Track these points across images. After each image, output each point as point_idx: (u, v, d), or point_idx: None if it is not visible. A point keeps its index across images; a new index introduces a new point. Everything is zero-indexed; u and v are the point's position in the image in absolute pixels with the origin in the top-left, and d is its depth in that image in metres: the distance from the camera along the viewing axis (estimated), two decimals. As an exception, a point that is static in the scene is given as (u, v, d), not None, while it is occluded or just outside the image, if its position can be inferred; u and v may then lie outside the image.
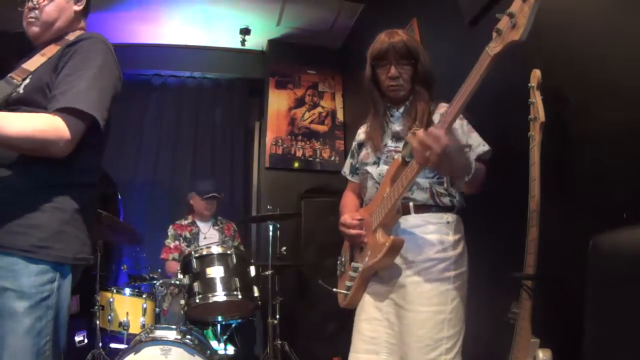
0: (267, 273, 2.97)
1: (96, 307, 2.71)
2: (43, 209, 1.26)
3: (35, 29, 1.45)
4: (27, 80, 1.34)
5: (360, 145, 1.78)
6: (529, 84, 1.52)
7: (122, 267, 3.37)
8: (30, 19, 1.44)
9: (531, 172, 1.46)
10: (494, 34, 1.12)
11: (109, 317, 2.75)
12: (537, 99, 1.50)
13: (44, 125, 1.21)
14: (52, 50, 1.41)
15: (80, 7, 1.52)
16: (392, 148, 1.62)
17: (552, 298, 1.48)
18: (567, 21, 1.59)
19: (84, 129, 1.29)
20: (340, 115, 4.54)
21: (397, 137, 1.63)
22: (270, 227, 3.12)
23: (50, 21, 1.46)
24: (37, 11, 1.43)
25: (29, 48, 1.49)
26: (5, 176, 1.25)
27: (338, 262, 1.76)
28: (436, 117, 1.57)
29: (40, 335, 1.22)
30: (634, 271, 1.02)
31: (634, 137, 1.29)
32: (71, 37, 1.45)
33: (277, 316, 3.01)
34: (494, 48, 1.12)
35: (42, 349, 1.22)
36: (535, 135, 1.48)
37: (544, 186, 1.44)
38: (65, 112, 1.24)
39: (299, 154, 4.36)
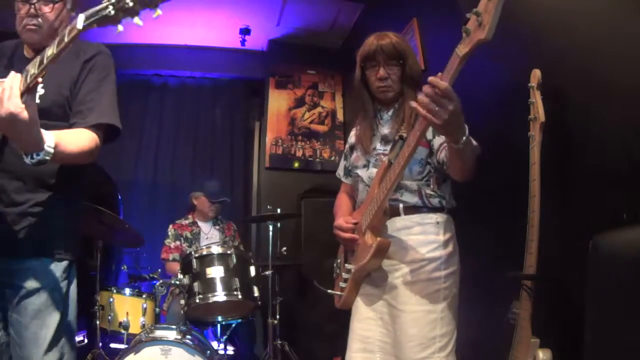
0: (267, 273, 2.97)
1: (96, 307, 2.70)
2: (64, 219, 1.42)
3: (36, 37, 1.45)
4: (41, 90, 1.38)
5: (352, 148, 1.79)
6: (529, 84, 1.52)
7: (122, 267, 3.37)
8: (31, 27, 1.43)
9: (531, 172, 1.46)
10: (463, 34, 1.09)
11: (109, 317, 2.74)
12: (537, 99, 1.50)
13: (90, 140, 1.36)
14: None
15: (73, 12, 1.55)
16: (381, 151, 1.62)
17: (552, 298, 1.48)
18: (567, 21, 1.60)
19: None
20: (340, 115, 4.54)
21: (385, 140, 1.63)
22: (270, 227, 3.12)
23: (53, 30, 1.46)
24: (39, 19, 1.43)
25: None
26: (34, 193, 1.37)
27: (335, 264, 1.78)
28: None
29: (64, 326, 1.38)
30: (634, 271, 1.03)
31: (633, 137, 1.29)
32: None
33: (277, 316, 3.01)
34: (462, 49, 1.10)
35: (64, 338, 1.37)
36: (535, 135, 1.48)
37: (544, 186, 1.44)
38: (96, 126, 1.39)
39: (299, 154, 4.36)
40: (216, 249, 2.67)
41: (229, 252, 2.65)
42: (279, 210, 3.20)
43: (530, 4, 1.74)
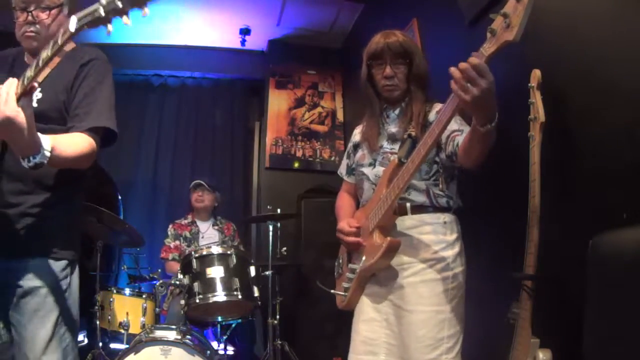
0: (267, 273, 2.97)
1: (96, 307, 2.70)
2: (62, 219, 1.42)
3: (35, 43, 1.45)
4: (39, 94, 1.39)
5: (356, 146, 1.78)
6: (529, 84, 1.52)
7: (122, 267, 3.37)
8: (29, 34, 1.44)
9: (531, 172, 1.46)
10: (488, 35, 1.10)
11: (109, 317, 2.75)
12: (537, 99, 1.50)
13: (87, 145, 1.37)
14: (54, 61, 1.43)
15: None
16: (388, 150, 1.62)
17: (552, 298, 1.48)
18: (567, 21, 1.60)
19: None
20: (340, 115, 4.54)
21: (392, 138, 1.63)
22: (270, 227, 3.12)
23: (51, 36, 1.44)
24: (37, 26, 1.43)
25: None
26: (32, 195, 1.38)
27: (336, 264, 1.76)
28: (432, 117, 1.57)
29: (64, 326, 1.38)
30: (634, 271, 1.02)
31: (633, 137, 1.29)
32: (68, 47, 1.50)
33: (277, 316, 3.01)
34: (488, 49, 1.10)
35: (68, 338, 1.39)
36: (535, 135, 1.48)
37: (544, 186, 1.44)
38: (92, 130, 1.40)
39: (299, 154, 4.36)
40: (216, 249, 2.67)
41: (229, 252, 2.65)
42: (279, 210, 3.20)
43: (530, 4, 1.74)
